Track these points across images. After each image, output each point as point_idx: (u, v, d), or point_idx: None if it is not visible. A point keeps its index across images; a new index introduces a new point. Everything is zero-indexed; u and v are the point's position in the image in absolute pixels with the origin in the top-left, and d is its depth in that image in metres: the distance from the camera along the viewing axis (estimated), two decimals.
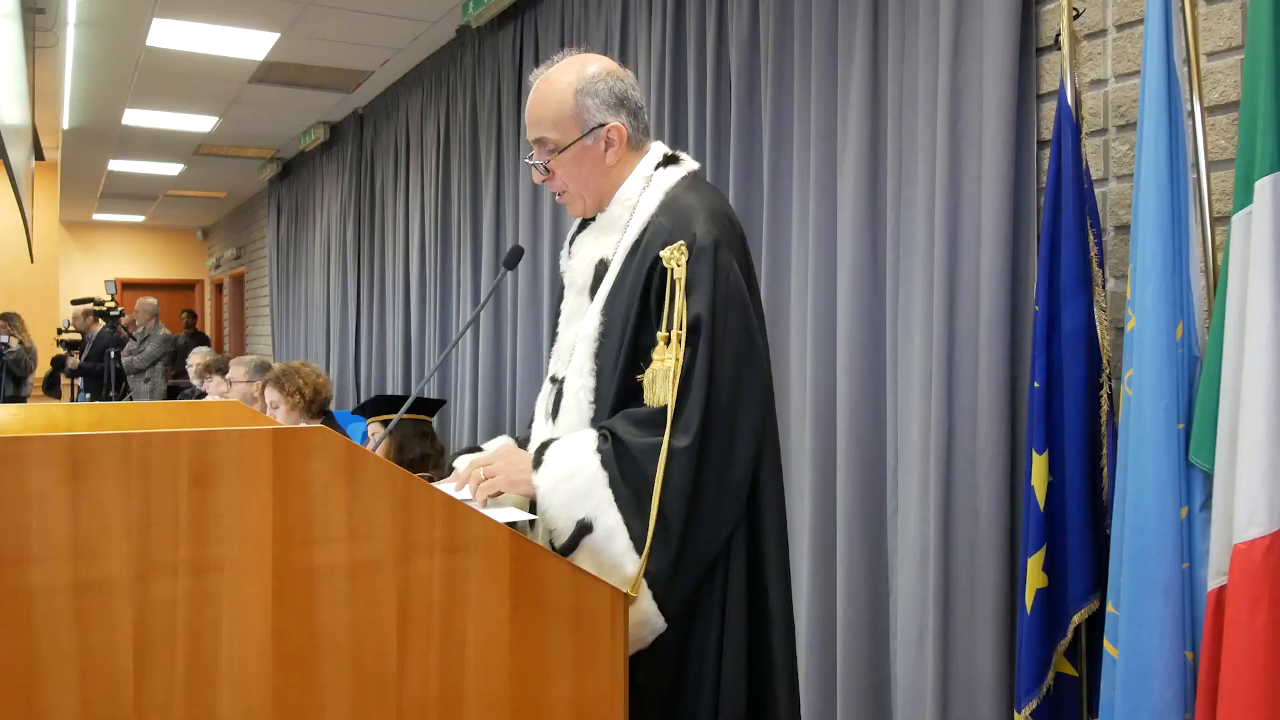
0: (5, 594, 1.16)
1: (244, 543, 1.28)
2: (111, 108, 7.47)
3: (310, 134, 8.23)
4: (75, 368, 9.21)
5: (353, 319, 7.73)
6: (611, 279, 1.74)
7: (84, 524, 1.20)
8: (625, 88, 1.81)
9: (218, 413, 2.01)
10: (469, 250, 5.63)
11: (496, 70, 5.31)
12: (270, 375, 4.02)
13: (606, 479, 1.59)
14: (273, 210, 10.51)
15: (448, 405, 5.73)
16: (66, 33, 5.72)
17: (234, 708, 1.26)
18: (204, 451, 1.26)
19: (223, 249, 14.52)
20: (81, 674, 1.19)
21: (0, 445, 1.18)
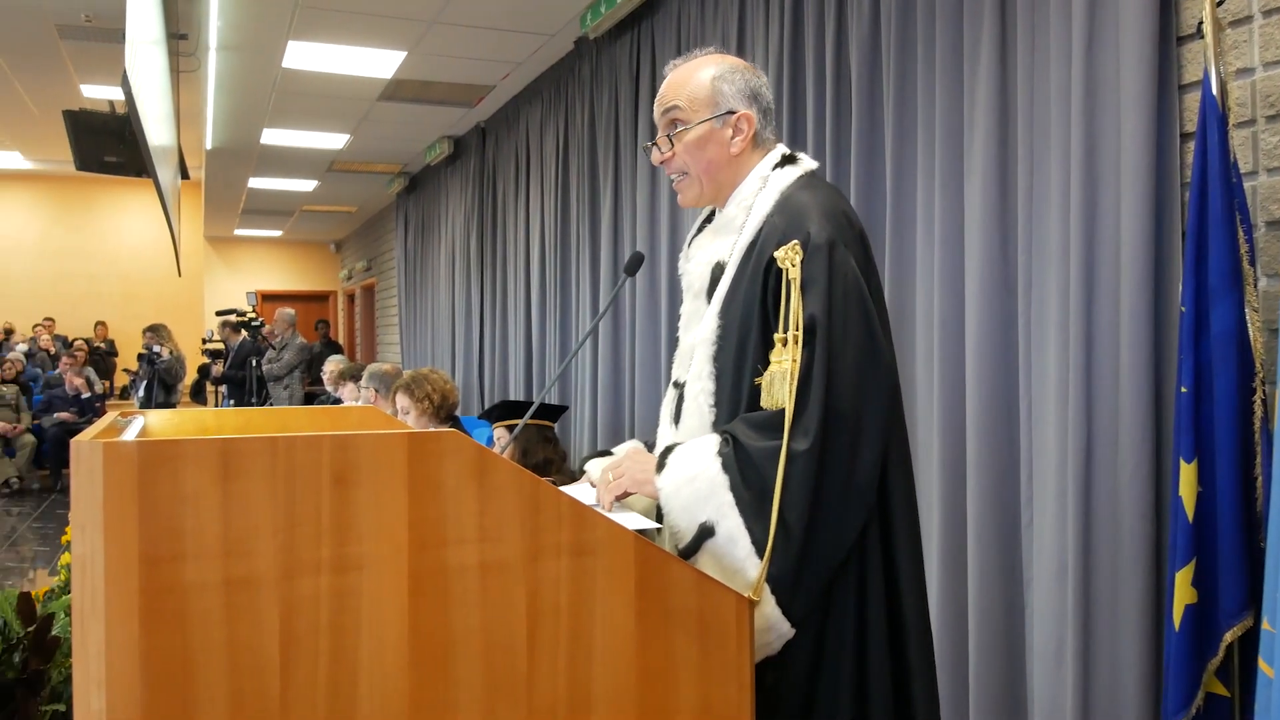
0: (162, 590, 1.22)
1: (382, 542, 1.32)
2: (251, 128, 7.83)
3: (435, 148, 8.47)
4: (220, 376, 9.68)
5: (476, 326, 7.91)
6: (728, 282, 1.73)
7: (234, 523, 1.26)
8: (760, 85, 1.83)
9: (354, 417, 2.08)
10: (588, 258, 5.69)
11: (614, 80, 5.36)
12: (400, 382, 4.14)
13: (728, 482, 1.58)
14: (400, 223, 10.84)
15: (569, 411, 5.81)
16: (208, 57, 6.03)
17: (373, 703, 1.30)
18: (344, 454, 1.31)
19: (354, 261, 15.05)
20: (231, 667, 1.24)
21: (157, 448, 1.24)
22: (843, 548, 1.59)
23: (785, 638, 1.57)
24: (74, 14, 7.88)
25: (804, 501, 1.54)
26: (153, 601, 1.21)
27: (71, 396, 10.86)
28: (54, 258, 15.35)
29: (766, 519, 1.54)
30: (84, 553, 1.23)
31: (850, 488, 1.58)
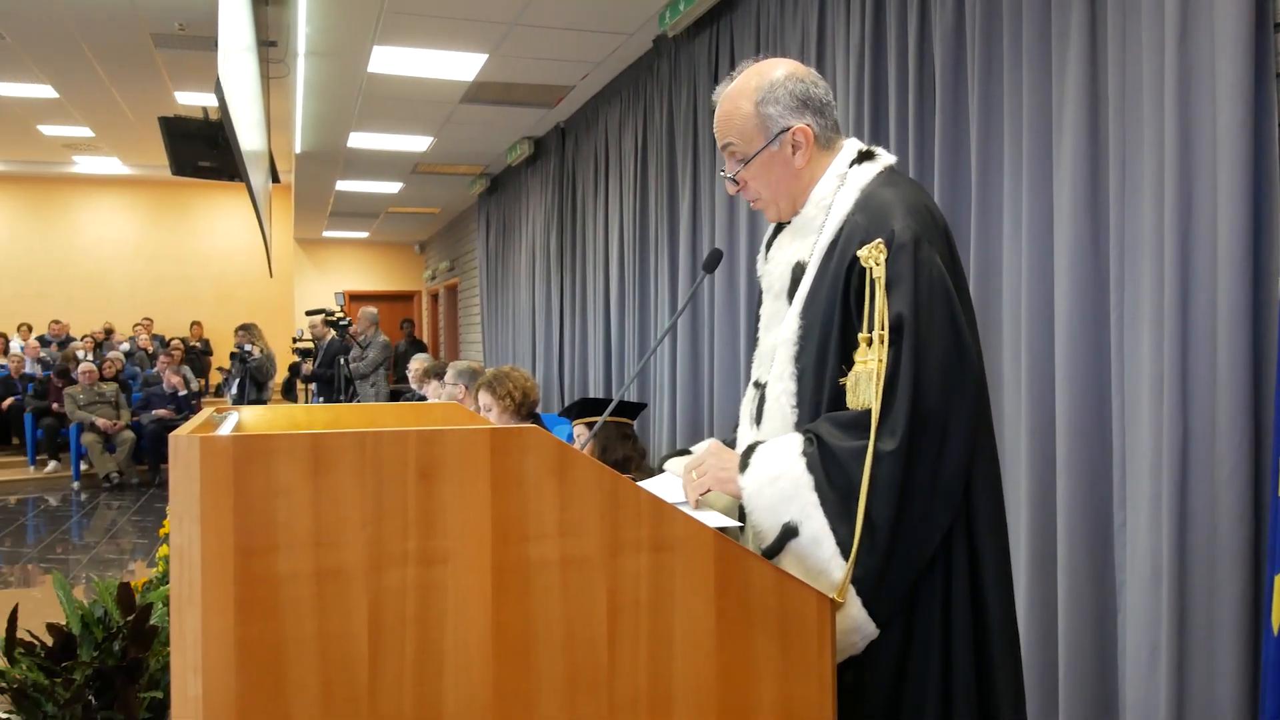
0: (256, 580, 1.26)
1: (466, 536, 1.34)
2: (338, 132, 8.02)
3: (516, 149, 8.56)
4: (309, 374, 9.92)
5: (556, 325, 7.98)
6: (809, 281, 1.71)
7: (324, 515, 1.29)
8: (807, 87, 1.77)
9: (438, 414, 2.12)
10: (666, 256, 5.70)
11: (693, 77, 5.35)
12: (483, 380, 4.20)
13: (812, 482, 1.57)
14: (482, 223, 11.00)
15: (647, 408, 5.83)
16: (297, 63, 6.19)
17: (458, 693, 1.32)
18: (430, 449, 1.33)
19: (437, 261, 15.31)
20: (322, 656, 1.28)
21: (251, 442, 1.28)
22: (928, 548, 1.57)
23: (869, 638, 1.56)
24: (168, 23, 8.16)
25: (890, 502, 1.52)
26: (247, 591, 1.26)
27: (168, 394, 11.25)
28: (151, 260, 15.93)
29: (851, 520, 1.53)
30: (181, 543, 1.28)
31: (936, 488, 1.56)
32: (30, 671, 2.79)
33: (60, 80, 9.97)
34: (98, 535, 8.18)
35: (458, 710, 1.32)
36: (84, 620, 2.93)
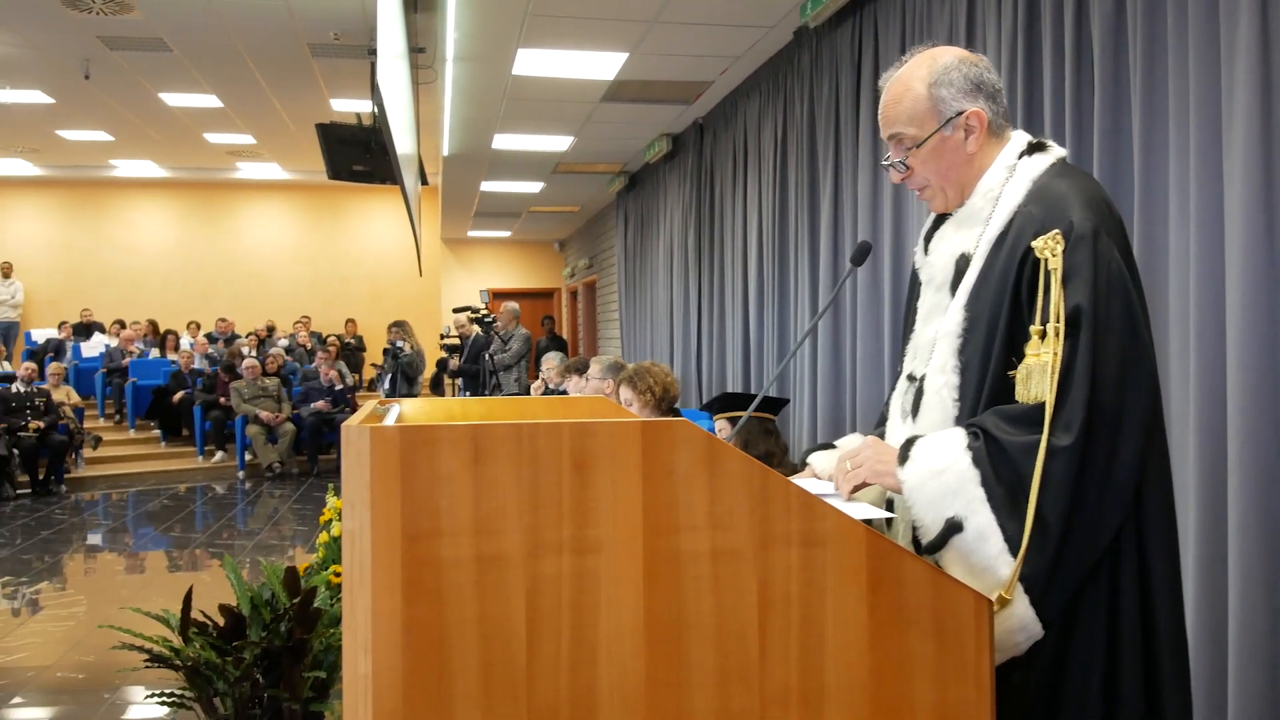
0: (421, 564, 1.32)
1: (618, 526, 1.36)
2: (483, 134, 8.24)
3: (654, 146, 8.62)
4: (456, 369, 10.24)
5: (694, 320, 8.00)
6: (975, 273, 1.67)
7: (484, 503, 1.34)
8: (980, 72, 1.73)
9: (585, 407, 2.16)
10: (806, 250, 5.64)
11: (834, 68, 5.28)
12: (624, 374, 4.25)
13: (978, 477, 1.53)
14: (620, 221, 11.11)
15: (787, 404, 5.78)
16: (445, 69, 6.39)
17: (611, 680, 1.35)
18: (583, 440, 1.36)
19: (576, 259, 15.56)
20: (483, 639, 1.32)
21: (417, 433, 1.34)
22: (1098, 548, 1.52)
23: (1035, 638, 1.51)
24: (324, 33, 8.56)
25: (1063, 499, 1.47)
26: (413, 574, 1.31)
27: (326, 388, 11.79)
28: (309, 261, 16.72)
29: (1019, 516, 1.49)
30: (353, 528, 1.35)
31: (1109, 486, 1.50)
32: (203, 650, 2.98)
33: (225, 90, 10.57)
34: (261, 522, 8.65)
35: (612, 697, 1.35)
36: (253, 602, 3.10)
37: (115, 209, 16.17)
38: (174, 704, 3.00)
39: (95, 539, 8.18)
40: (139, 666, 3.06)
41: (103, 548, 7.88)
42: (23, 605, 5.84)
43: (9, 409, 9.98)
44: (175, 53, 9.06)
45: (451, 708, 1.31)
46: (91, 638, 5.05)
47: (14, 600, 5.95)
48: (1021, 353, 1.57)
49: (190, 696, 2.99)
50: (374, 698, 1.29)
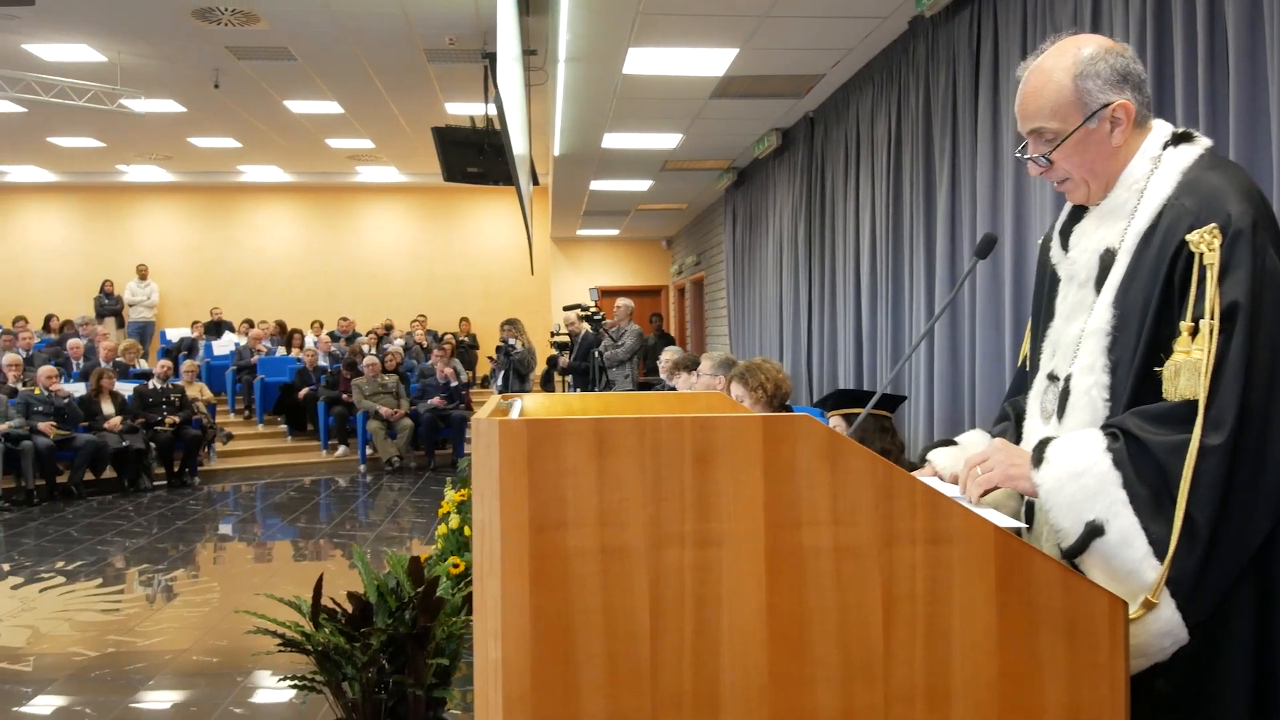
0: (548, 554, 1.35)
1: (739, 520, 1.37)
2: (593, 133, 8.32)
3: (764, 141, 8.57)
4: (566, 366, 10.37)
5: (804, 316, 7.93)
6: (1123, 269, 1.61)
7: (608, 495, 1.36)
8: (1126, 62, 1.67)
9: (703, 402, 2.18)
10: (922, 245, 5.54)
11: (951, 58, 5.17)
12: (735, 371, 4.24)
13: (1120, 479, 1.48)
14: (729, 217, 11.08)
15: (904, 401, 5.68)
16: (557, 69, 6.47)
17: (734, 673, 1.36)
18: (705, 435, 1.37)
19: (684, 256, 15.59)
20: (608, 629, 1.35)
21: (544, 426, 1.37)
22: (1247, 551, 1.46)
23: (1180, 643, 1.46)
24: (439, 38, 8.77)
25: (1214, 500, 1.42)
26: (540, 564, 1.34)
27: (441, 384, 12.09)
28: (424, 261, 17.17)
29: (1165, 518, 1.44)
30: (483, 518, 1.38)
31: (1260, 487, 1.44)
32: (333, 636, 3.09)
33: (345, 97, 10.94)
34: (381, 515, 8.92)
35: (735, 690, 1.36)
36: (379, 590, 3.21)
37: (243, 213, 16.89)
38: (305, 687, 3.13)
39: (226, 529, 8.56)
40: (272, 650, 3.20)
41: (233, 537, 8.25)
42: (159, 592, 6.16)
43: (146, 404, 10.52)
44: (299, 61, 9.41)
45: (578, 695, 1.34)
46: (224, 623, 5.30)
47: (151, 587, 6.27)
48: (1169, 349, 1.51)
49: (320, 680, 3.11)
50: (503, 683, 1.33)
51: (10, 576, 6.37)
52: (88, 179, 16.11)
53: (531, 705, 1.33)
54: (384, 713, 3.08)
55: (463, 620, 3.21)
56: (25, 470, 9.20)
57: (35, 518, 8.54)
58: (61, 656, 4.74)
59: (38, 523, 8.32)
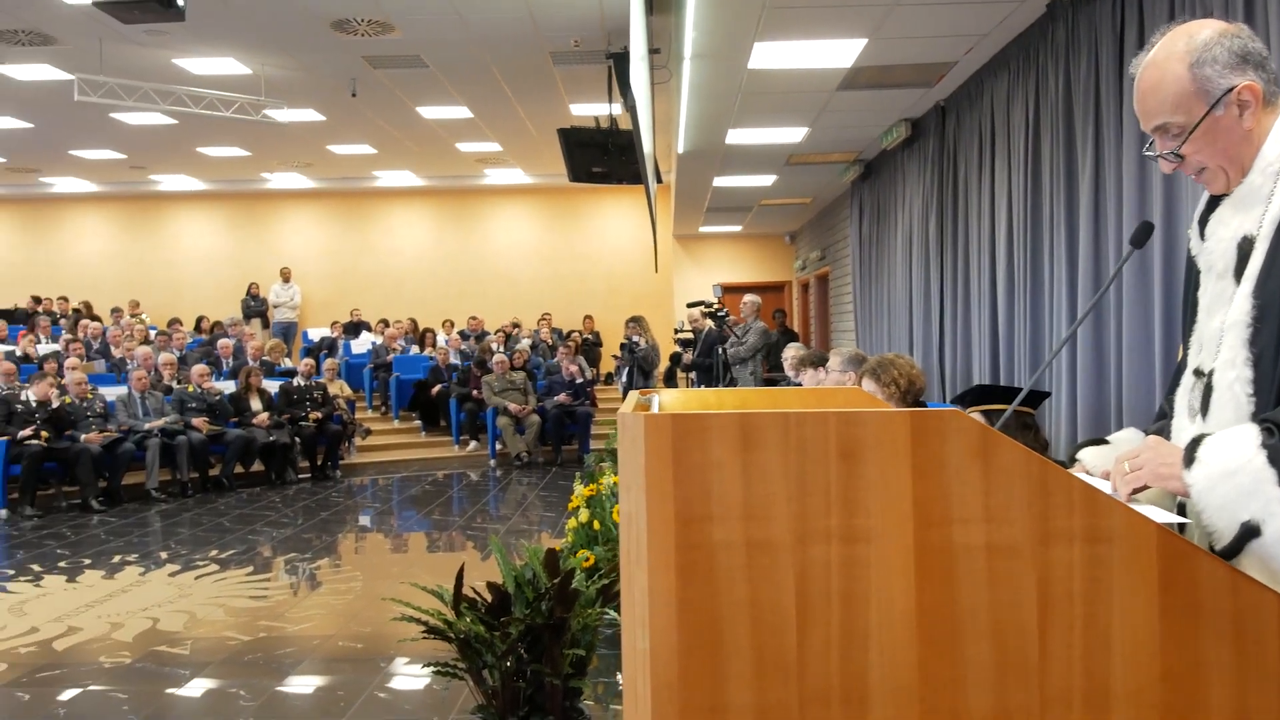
0: (694, 546, 1.36)
1: (887, 517, 1.36)
2: (717, 130, 8.32)
3: (892, 132, 8.41)
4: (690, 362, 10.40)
5: (936, 311, 7.75)
6: (1262, 256, 1.54)
7: (753, 490, 1.36)
8: (1244, 42, 1.60)
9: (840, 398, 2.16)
10: (1064, 236, 5.34)
11: (1093, 41, 4.97)
12: (867, 367, 4.18)
13: (1276, 477, 1.41)
14: (855, 211, 10.91)
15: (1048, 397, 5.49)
16: (682, 67, 6.49)
17: (882, 670, 1.34)
18: (850, 430, 1.36)
19: (808, 251, 15.42)
20: (754, 622, 1.35)
21: (688, 420, 1.38)
22: None
23: None
24: (564, 40, 8.91)
25: None
26: (687, 556, 1.36)
27: (567, 381, 12.28)
28: (549, 260, 17.46)
29: None
30: (630, 510, 1.41)
31: None
32: (473, 625, 3.19)
33: (474, 102, 11.21)
34: (510, 508, 9.12)
35: (883, 688, 1.34)
36: (517, 581, 3.29)
37: (378, 216, 17.50)
38: (447, 674, 3.23)
39: (365, 520, 8.90)
40: (417, 637, 3.31)
41: (371, 529, 8.57)
42: (305, 580, 6.44)
43: (291, 401, 11.01)
44: (431, 68, 9.70)
45: (724, 687, 1.35)
46: (367, 610, 5.51)
47: (297, 575, 6.57)
48: None
49: (462, 668, 3.21)
50: (651, 672, 1.35)
51: (168, 564, 6.76)
52: (234, 187, 16.98)
53: (679, 694, 1.35)
54: (522, 701, 3.15)
55: (597, 612, 3.26)
56: (180, 463, 9.75)
57: (190, 508, 9.04)
58: (216, 641, 5.01)
59: (192, 513, 8.81)
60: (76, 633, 5.14)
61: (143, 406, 10.03)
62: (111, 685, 4.35)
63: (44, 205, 17.47)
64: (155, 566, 6.70)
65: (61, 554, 7.14)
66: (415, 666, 4.48)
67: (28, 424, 8.89)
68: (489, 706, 3.20)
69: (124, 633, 5.13)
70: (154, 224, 17.59)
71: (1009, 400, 3.56)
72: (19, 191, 17.09)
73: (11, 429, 8.82)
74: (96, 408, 9.63)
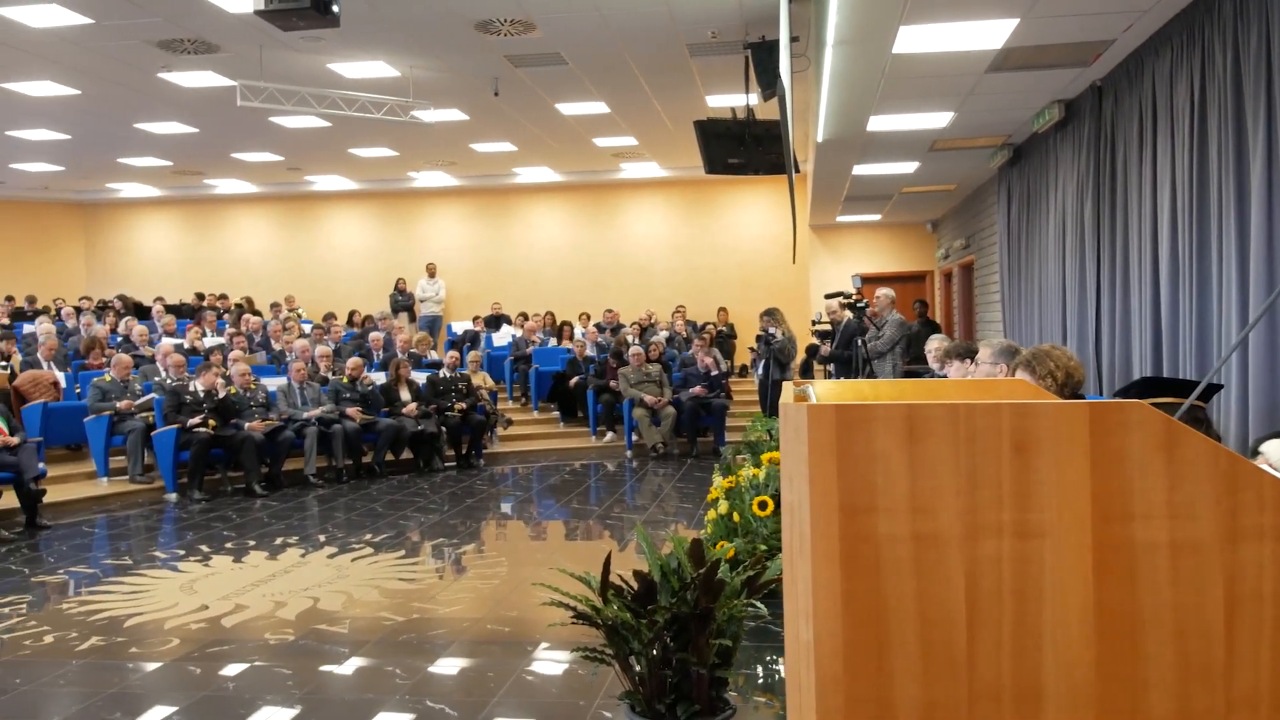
0: (859, 538, 1.35)
1: (1063, 512, 1.32)
2: (858, 117, 8.17)
3: (1044, 115, 8.09)
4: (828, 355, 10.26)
5: (1091, 301, 7.42)
6: None
7: (919, 482, 1.34)
8: None
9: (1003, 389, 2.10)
10: (1233, 220, 5.03)
11: (1264, 13, 4.66)
12: (1021, 358, 4.05)
13: None
14: (1002, 197, 10.54)
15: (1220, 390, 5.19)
16: (824, 54, 6.40)
17: (1057, 670, 1.31)
18: (1023, 422, 1.33)
19: (951, 239, 14.99)
20: (921, 617, 1.33)
21: (852, 411, 1.37)
22: None
23: None
24: (702, 32, 8.90)
25: None
26: (851, 548, 1.35)
27: (702, 374, 12.28)
28: (683, 253, 17.50)
29: None
30: (792, 500, 1.41)
31: None
32: (620, 612, 3.23)
33: (611, 97, 11.32)
34: (646, 499, 9.19)
35: (1058, 687, 1.31)
36: (662, 570, 3.32)
37: (517, 212, 17.89)
38: (595, 659, 3.28)
39: (507, 508, 9.12)
40: (566, 622, 3.38)
41: (513, 516, 8.77)
42: (452, 564, 6.65)
43: (438, 392, 11.37)
44: (570, 65, 9.84)
45: (891, 680, 1.34)
46: (513, 595, 5.65)
47: (445, 559, 6.79)
48: None
49: (609, 654, 3.26)
50: (816, 664, 1.35)
51: (326, 546, 7.09)
52: (382, 186, 17.64)
53: (845, 687, 1.34)
54: (668, 688, 3.18)
55: (743, 603, 3.26)
56: (335, 451, 10.19)
57: (344, 494, 9.45)
58: (372, 621, 5.23)
59: (346, 498, 9.20)
60: (243, 610, 5.44)
61: (301, 396, 10.53)
62: (275, 661, 4.59)
63: (208, 206, 18.53)
64: (314, 549, 7.03)
65: (228, 535, 7.57)
66: (561, 651, 4.58)
67: (196, 413, 9.44)
68: (636, 693, 3.24)
69: (287, 611, 5.41)
70: (308, 222, 18.44)
71: (1176, 393, 3.39)
72: (185, 193, 18.18)
73: (181, 417, 9.39)
74: (259, 397, 10.16)
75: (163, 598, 5.76)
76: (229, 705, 4.06)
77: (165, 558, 6.88)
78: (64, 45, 9.00)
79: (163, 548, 7.29)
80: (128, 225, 18.98)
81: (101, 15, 8.21)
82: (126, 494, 9.35)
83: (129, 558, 6.96)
